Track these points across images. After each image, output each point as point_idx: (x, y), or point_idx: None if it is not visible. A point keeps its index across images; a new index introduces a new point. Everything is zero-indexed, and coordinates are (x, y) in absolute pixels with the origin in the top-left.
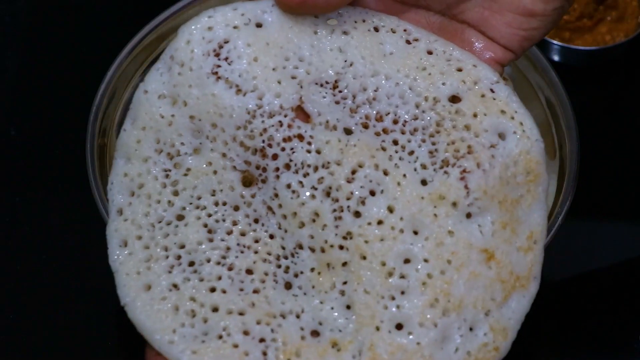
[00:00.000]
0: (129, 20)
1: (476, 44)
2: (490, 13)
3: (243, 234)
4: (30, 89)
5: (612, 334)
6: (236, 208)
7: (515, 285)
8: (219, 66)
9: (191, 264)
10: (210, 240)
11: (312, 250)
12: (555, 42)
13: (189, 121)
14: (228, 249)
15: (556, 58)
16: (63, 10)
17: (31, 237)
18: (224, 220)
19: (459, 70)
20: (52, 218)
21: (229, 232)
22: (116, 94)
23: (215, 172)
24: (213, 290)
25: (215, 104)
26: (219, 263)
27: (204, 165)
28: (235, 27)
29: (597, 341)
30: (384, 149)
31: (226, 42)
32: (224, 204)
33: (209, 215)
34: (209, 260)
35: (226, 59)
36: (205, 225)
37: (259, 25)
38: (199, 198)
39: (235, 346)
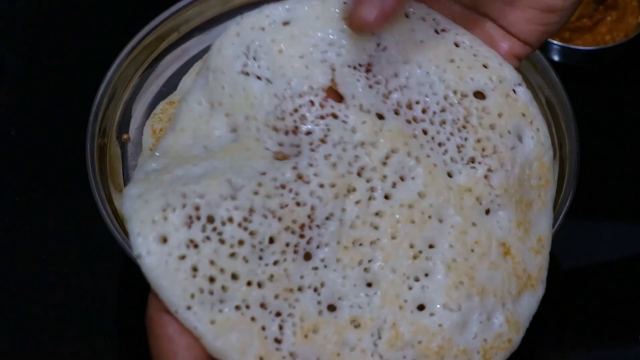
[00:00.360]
0: (129, 20)
1: (495, 37)
2: (511, 9)
3: (269, 196)
4: (30, 89)
5: (612, 334)
6: (263, 173)
7: (527, 283)
8: (246, 65)
9: (210, 219)
10: (233, 198)
11: (342, 223)
12: (555, 42)
13: (225, 118)
14: (252, 210)
15: (556, 58)
16: (63, 10)
17: (31, 237)
18: (249, 180)
19: (485, 66)
20: (52, 218)
21: (255, 193)
22: (116, 94)
23: (247, 149)
24: (233, 255)
25: (246, 96)
26: (240, 225)
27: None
28: (262, 29)
29: (597, 341)
30: (415, 136)
31: (253, 42)
32: (251, 168)
33: (234, 174)
34: (230, 220)
35: (254, 57)
36: (229, 181)
37: (285, 24)
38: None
39: (253, 319)
